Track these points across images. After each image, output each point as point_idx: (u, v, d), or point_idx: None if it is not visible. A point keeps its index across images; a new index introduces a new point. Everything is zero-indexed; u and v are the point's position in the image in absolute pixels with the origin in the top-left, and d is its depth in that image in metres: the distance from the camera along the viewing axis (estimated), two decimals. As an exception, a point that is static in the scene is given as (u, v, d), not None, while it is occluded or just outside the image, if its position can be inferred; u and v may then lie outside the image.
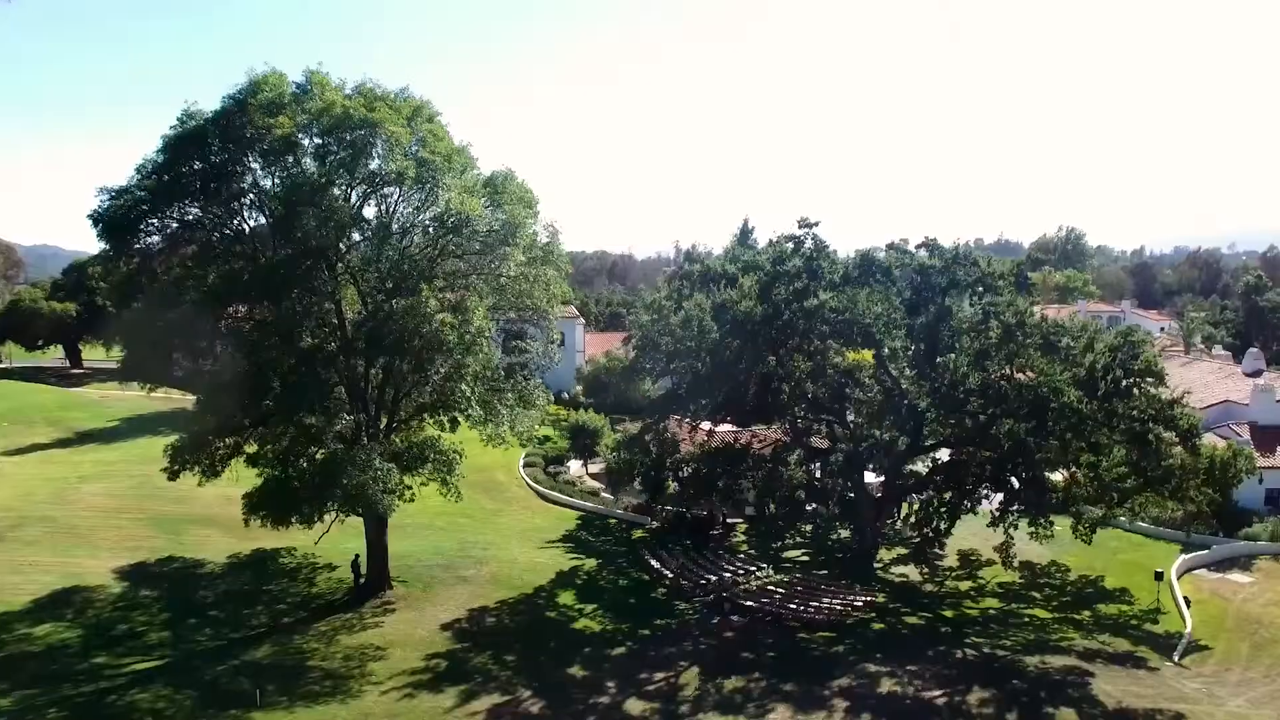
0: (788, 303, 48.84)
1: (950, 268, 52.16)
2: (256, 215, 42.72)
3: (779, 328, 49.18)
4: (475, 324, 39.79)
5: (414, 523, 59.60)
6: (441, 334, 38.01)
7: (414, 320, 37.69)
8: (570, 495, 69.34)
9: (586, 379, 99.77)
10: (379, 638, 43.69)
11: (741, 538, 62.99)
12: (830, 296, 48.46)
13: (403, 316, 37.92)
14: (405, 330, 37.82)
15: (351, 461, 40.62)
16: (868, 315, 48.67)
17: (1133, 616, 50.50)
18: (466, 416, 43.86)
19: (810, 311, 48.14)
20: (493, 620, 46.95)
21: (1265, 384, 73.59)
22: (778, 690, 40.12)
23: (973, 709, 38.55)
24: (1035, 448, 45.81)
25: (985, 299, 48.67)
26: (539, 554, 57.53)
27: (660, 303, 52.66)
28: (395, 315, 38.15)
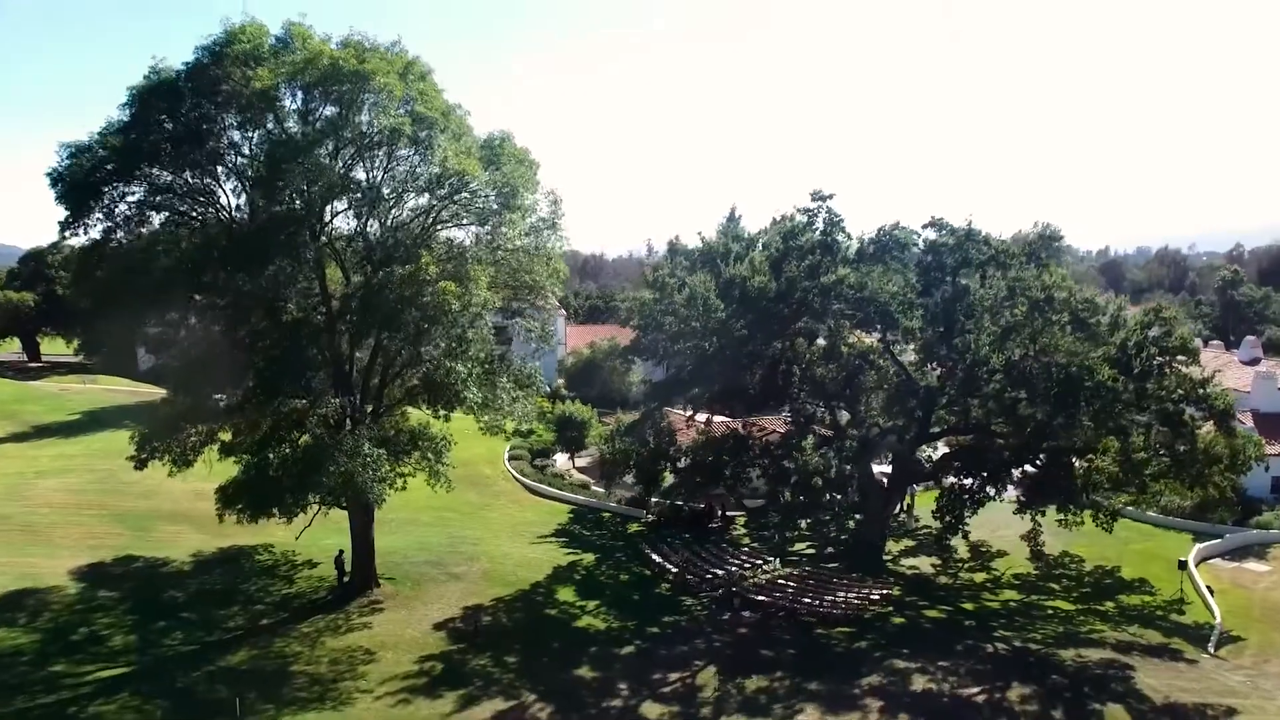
0: (803, 278, 45.57)
1: (963, 245, 49.27)
2: (235, 184, 38.67)
3: (793, 305, 45.93)
4: (480, 294, 36.11)
5: (398, 518, 55.68)
6: (443, 304, 34.25)
7: (412, 288, 33.90)
8: (560, 488, 65.76)
9: (569, 371, 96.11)
10: (368, 639, 39.86)
11: (742, 531, 59.86)
12: (848, 272, 45.29)
13: (400, 284, 34.10)
14: (402, 299, 34.02)
15: (338, 447, 36.81)
16: (883, 293, 45.57)
17: (1157, 607, 48.02)
18: (463, 400, 40.02)
19: (827, 288, 44.94)
20: (489, 619, 43.28)
21: (1267, 371, 71.71)
22: (803, 690, 36.90)
23: (1015, 706, 35.60)
24: (1066, 430, 42.95)
25: (1011, 274, 45.74)
26: (532, 549, 53.95)
27: (663, 279, 49.19)
28: (391, 283, 34.32)
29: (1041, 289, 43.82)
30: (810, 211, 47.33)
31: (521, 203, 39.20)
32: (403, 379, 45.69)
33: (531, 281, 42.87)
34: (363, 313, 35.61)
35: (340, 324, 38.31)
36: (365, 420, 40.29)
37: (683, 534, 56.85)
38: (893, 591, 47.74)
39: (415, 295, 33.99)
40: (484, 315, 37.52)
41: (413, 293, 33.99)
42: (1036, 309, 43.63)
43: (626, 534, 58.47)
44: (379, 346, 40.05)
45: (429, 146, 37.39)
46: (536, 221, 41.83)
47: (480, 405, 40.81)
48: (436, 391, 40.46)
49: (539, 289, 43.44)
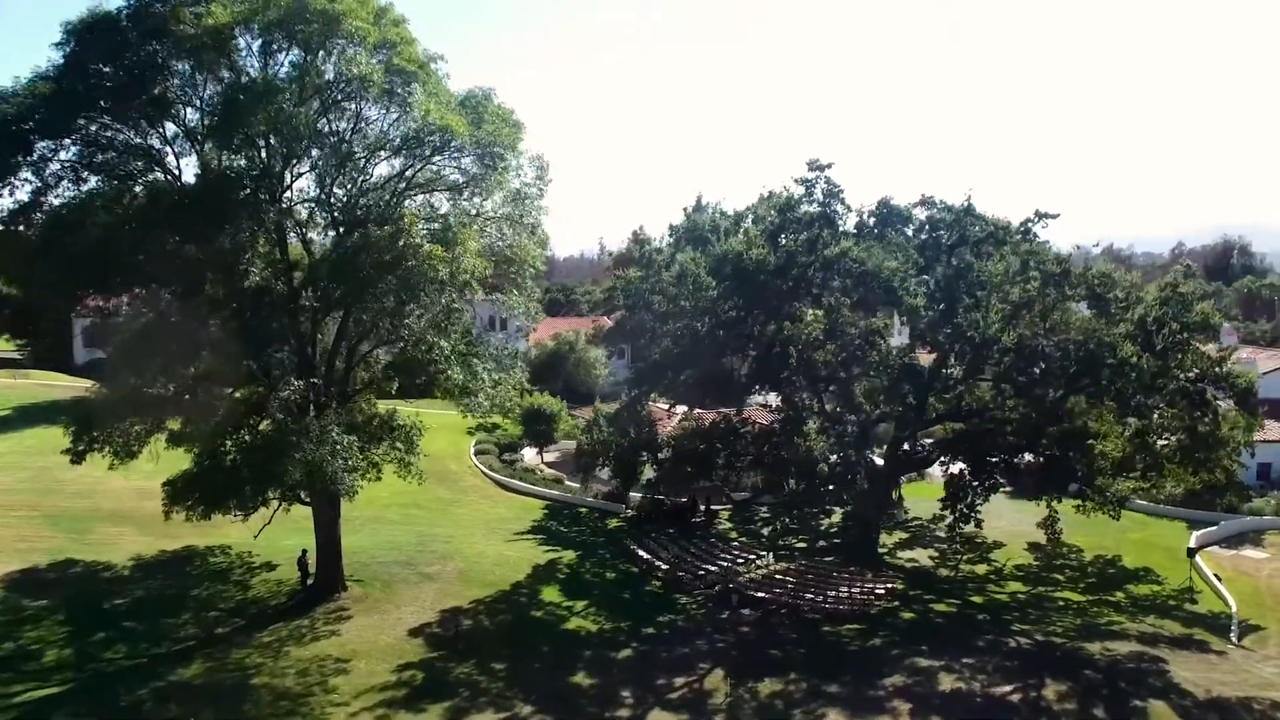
0: (802, 252, 42.22)
1: (961, 221, 46.40)
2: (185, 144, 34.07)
3: (792, 280, 42.56)
4: (468, 260, 32.08)
5: (361, 515, 51.11)
6: (429, 270, 30.13)
7: (393, 252, 29.73)
8: (533, 483, 61.69)
9: (533, 364, 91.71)
10: (337, 647, 35.55)
11: (727, 525, 56.45)
12: (851, 244, 42.08)
13: (379, 247, 29.88)
14: (381, 264, 29.83)
15: (304, 433, 32.52)
16: (885, 269, 42.43)
17: (1169, 597, 45.66)
18: (444, 381, 35.80)
19: (829, 261, 41.67)
20: (470, 623, 39.21)
21: (1248, 357, 70.31)
22: (822, 693, 33.52)
23: (1053, 705, 32.60)
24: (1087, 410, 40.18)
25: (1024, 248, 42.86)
26: (508, 547, 49.85)
27: (651, 255, 45.51)
28: (370, 245, 30.10)
29: (1057, 262, 40.99)
30: (808, 182, 43.98)
31: (507, 165, 35.19)
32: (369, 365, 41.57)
33: (517, 254, 38.88)
34: (334, 280, 31.28)
35: (306, 295, 33.92)
36: (332, 404, 35.95)
37: (666, 529, 53.32)
38: (897, 585, 44.65)
39: (397, 260, 29.82)
40: (472, 285, 33.43)
41: (394, 257, 29.82)
42: (1051, 283, 40.81)
43: (607, 530, 54.67)
44: (347, 322, 35.77)
45: (405, 101, 33.29)
46: (520, 188, 37.89)
47: (461, 386, 36.63)
48: (413, 373, 36.17)
49: (523, 262, 39.43)
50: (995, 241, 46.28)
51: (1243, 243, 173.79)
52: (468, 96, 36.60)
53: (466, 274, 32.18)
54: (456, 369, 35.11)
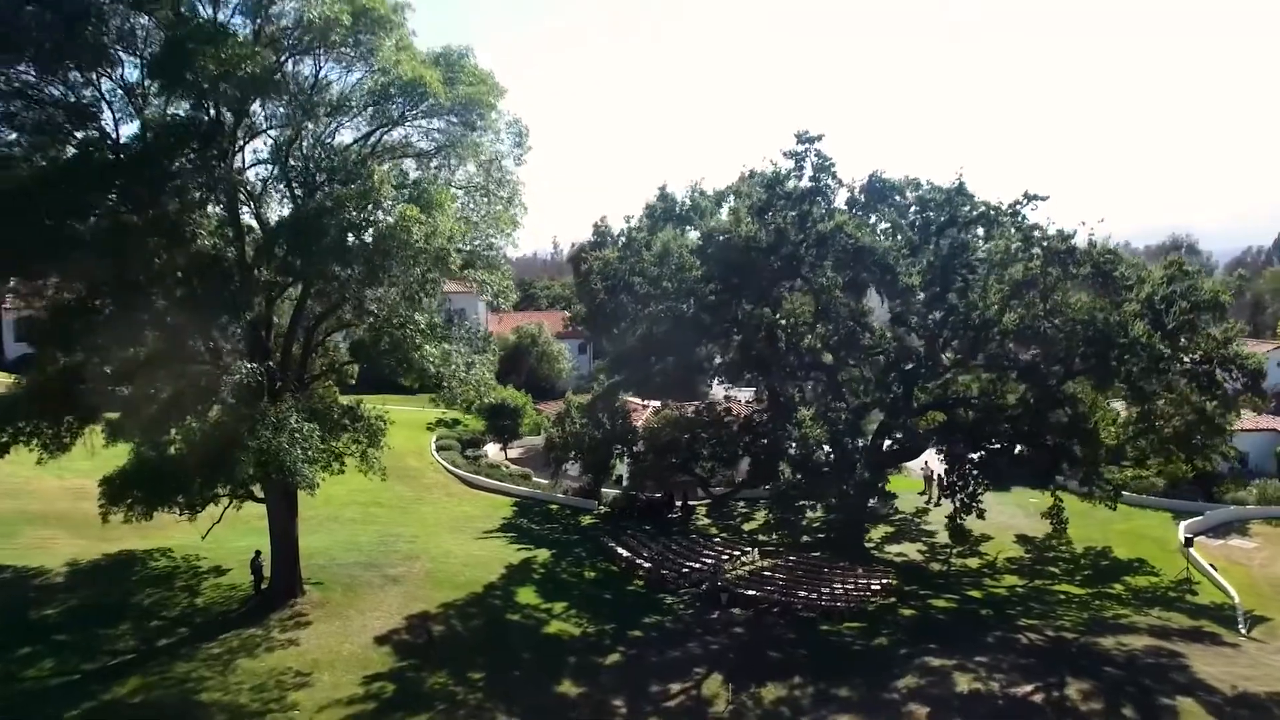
0: (794, 228, 39.44)
1: (951, 201, 44.05)
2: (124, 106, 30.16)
3: (782, 259, 39.78)
4: (446, 223, 28.67)
5: (318, 514, 47.42)
6: (403, 234, 26.70)
7: (363, 212, 26.26)
8: (500, 479, 58.23)
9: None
10: (296, 658, 31.93)
11: (706, 520, 53.52)
12: (847, 218, 39.42)
13: (347, 205, 26.34)
14: (350, 226, 26.35)
15: (259, 419, 28.93)
16: (879, 246, 39.88)
17: (1167, 588, 43.78)
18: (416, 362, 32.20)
19: (824, 236, 38.94)
20: (441, 628, 35.79)
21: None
22: (832, 697, 30.76)
23: (1079, 705, 30.16)
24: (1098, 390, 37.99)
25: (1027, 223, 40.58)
26: (477, 546, 46.39)
27: (630, 234, 42.42)
28: (336, 205, 26.54)
29: (1061, 239, 38.74)
30: (797, 155, 41.18)
31: (485, 126, 31.82)
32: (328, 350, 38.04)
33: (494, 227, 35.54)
34: (296, 246, 27.64)
35: (261, 268, 30.23)
36: (290, 390, 32.32)
37: (642, 525, 50.33)
38: (892, 581, 42.10)
39: (367, 222, 26.34)
40: (450, 252, 30.00)
41: (363, 218, 26.34)
42: (1055, 260, 38.54)
43: (581, 527, 51.43)
44: (306, 298, 32.18)
45: (372, 51, 29.82)
46: (496, 155, 34.57)
47: (436, 370, 33.16)
48: (380, 356, 32.60)
49: (500, 235, 36.12)
50: (987, 222, 44.10)
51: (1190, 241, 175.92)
52: (443, 53, 33.13)
53: (444, 239, 28.73)
54: (431, 348, 31.63)
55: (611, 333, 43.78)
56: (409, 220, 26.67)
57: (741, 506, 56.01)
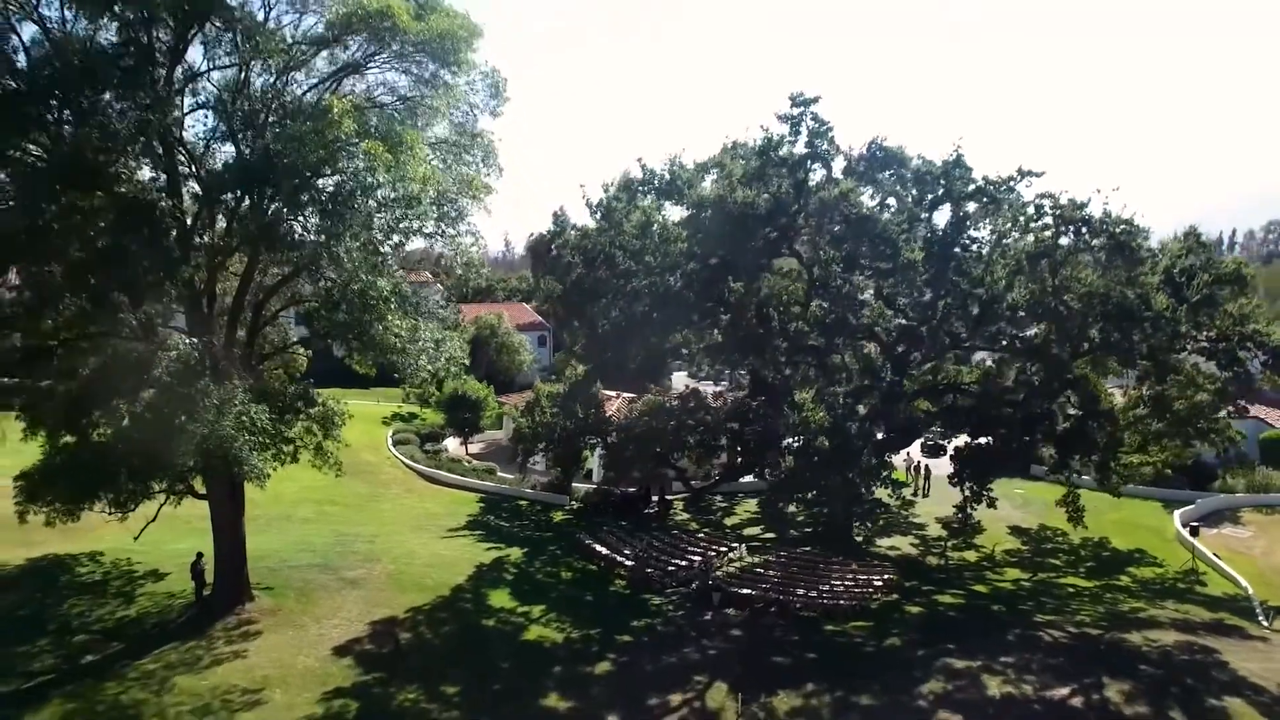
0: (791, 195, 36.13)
1: (949, 173, 41.07)
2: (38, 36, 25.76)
3: (778, 229, 36.46)
4: (418, 167, 24.77)
5: (267, 513, 43.23)
6: (369, 176, 22.82)
7: (320, 148, 22.30)
8: (463, 474, 54.22)
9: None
10: (244, 674, 27.83)
11: (685, 515, 50.14)
12: (852, 185, 36.23)
13: (301, 145, 22.37)
14: (307, 165, 22.39)
15: (202, 402, 24.82)
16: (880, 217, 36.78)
17: (1175, 579, 41.31)
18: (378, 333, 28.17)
19: (827, 204, 35.67)
20: (409, 636, 31.86)
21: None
22: (853, 705, 27.51)
23: (1123, 708, 27.24)
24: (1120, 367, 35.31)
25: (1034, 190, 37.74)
26: (443, 545, 42.45)
27: (610, 203, 38.77)
28: (290, 144, 22.55)
29: (1074, 206, 35.95)
30: (792, 119, 37.84)
31: (460, 65, 27.89)
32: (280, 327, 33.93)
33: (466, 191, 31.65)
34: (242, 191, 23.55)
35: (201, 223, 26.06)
36: (237, 364, 28.16)
37: (618, 521, 46.78)
38: (892, 577, 39.05)
39: (328, 158, 22.39)
40: (423, 202, 26.09)
41: (322, 156, 22.38)
42: (1068, 227, 35.74)
43: (553, 524, 47.71)
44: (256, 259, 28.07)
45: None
46: (470, 108, 30.71)
47: (401, 347, 29.20)
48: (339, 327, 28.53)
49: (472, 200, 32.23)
50: (985, 196, 41.21)
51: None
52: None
53: (416, 183, 24.83)
54: (397, 316, 27.68)
55: (588, 311, 40.02)
56: (375, 156, 22.73)
57: (720, 501, 52.81)
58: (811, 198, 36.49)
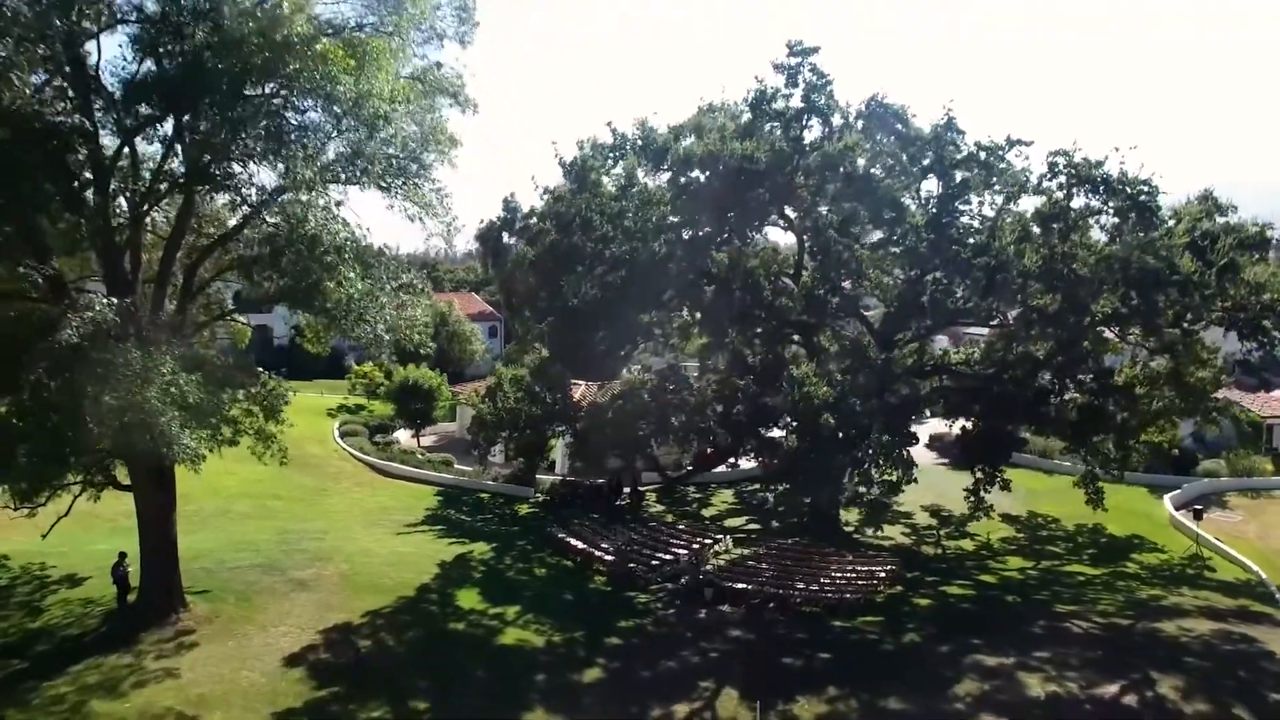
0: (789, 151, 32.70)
1: (940, 138, 38.09)
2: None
3: (777, 187, 33.04)
4: (384, 81, 20.68)
5: (202, 510, 38.69)
6: (326, 84, 18.71)
7: (265, 50, 18.13)
8: (418, 466, 49.89)
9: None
10: (177, 694, 23.47)
11: (659, 506, 46.53)
12: (858, 137, 32.94)
13: (240, 46, 18.15)
14: (246, 68, 18.21)
15: (121, 370, 20.50)
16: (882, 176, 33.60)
17: (1183, 565, 38.93)
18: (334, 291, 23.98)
19: (829, 159, 32.30)
20: (368, 643, 27.69)
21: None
22: (884, 712, 24.16)
23: (1182, 706, 24.31)
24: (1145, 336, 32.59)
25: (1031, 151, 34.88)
26: (400, 541, 38.24)
27: (586, 161, 34.92)
28: (228, 46, 18.30)
29: (1090, 164, 33.14)
30: (789, 69, 34.42)
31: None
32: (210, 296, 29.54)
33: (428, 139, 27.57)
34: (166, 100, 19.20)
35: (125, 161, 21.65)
36: (165, 334, 23.76)
37: (588, 514, 43.01)
38: (895, 567, 35.93)
39: (273, 63, 18.22)
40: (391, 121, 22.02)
41: (264, 60, 18.20)
42: (1083, 187, 32.93)
43: (518, 517, 43.76)
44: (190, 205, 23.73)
45: None
46: (434, 35, 26.56)
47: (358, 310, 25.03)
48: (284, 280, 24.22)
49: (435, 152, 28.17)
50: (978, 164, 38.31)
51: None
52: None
53: (384, 101, 20.76)
54: (355, 272, 23.51)
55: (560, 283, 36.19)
56: (333, 59, 18.61)
57: (694, 491, 49.32)
58: (810, 154, 33.12)
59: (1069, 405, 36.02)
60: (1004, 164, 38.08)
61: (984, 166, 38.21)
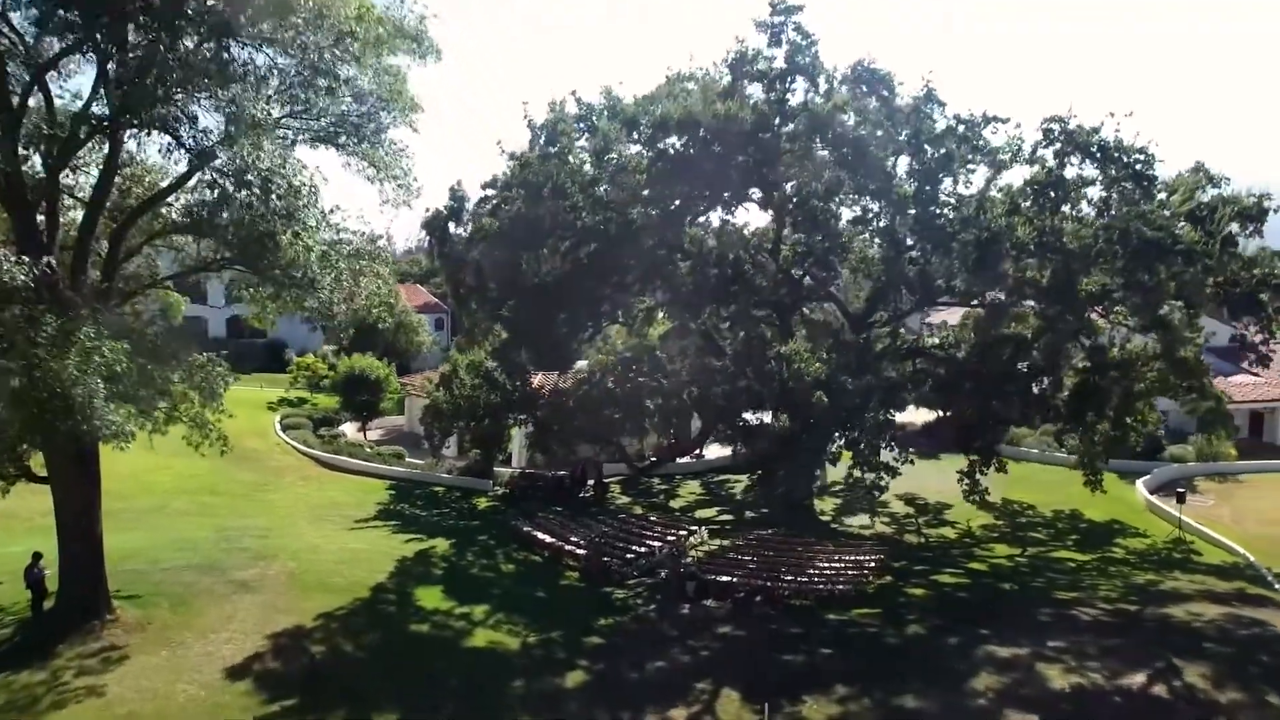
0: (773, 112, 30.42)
1: (919, 110, 36.24)
2: None
3: (762, 149, 30.72)
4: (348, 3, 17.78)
5: (133, 507, 35.21)
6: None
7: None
8: (367, 459, 46.62)
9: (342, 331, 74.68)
10: (101, 712, 20.30)
11: (626, 498, 44.05)
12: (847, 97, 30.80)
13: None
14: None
15: (34, 338, 17.36)
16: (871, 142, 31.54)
17: (1169, 550, 37.69)
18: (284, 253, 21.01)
19: (818, 120, 30.08)
20: (322, 649, 24.66)
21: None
22: (899, 710, 21.96)
23: (1216, 696, 22.56)
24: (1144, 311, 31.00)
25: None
26: (352, 538, 35.14)
27: (558, 124, 32.23)
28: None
29: (1084, 131, 31.48)
30: (772, 28, 32.15)
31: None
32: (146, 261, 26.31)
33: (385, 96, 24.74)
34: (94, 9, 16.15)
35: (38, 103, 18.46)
36: (87, 298, 20.56)
37: (551, 507, 40.33)
38: (882, 557, 33.92)
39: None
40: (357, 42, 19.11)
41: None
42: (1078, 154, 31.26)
43: (477, 511, 40.89)
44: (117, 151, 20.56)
45: None
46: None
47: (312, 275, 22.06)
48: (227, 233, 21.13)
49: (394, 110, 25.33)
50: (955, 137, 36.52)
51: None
52: None
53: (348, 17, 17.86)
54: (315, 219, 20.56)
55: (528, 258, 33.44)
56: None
57: (659, 483, 46.93)
58: (797, 117, 30.89)
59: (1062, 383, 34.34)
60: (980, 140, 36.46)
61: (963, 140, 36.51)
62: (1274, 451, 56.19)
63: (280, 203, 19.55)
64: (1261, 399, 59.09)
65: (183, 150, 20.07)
